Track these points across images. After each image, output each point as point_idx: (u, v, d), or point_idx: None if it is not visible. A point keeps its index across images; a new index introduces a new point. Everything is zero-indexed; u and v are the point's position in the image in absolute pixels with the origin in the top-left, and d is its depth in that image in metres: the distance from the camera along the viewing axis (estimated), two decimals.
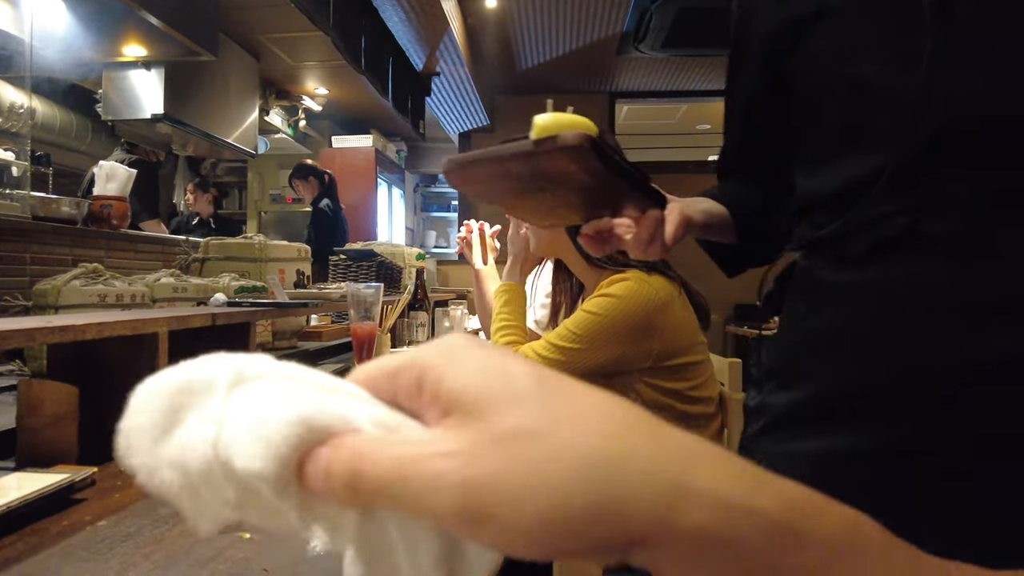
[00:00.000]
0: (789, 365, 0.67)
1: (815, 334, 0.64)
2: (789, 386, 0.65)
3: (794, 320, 0.68)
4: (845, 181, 0.61)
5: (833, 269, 0.63)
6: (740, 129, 0.80)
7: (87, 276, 1.20)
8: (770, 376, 0.69)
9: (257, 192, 7.12)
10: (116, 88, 3.83)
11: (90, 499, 0.69)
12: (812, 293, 0.65)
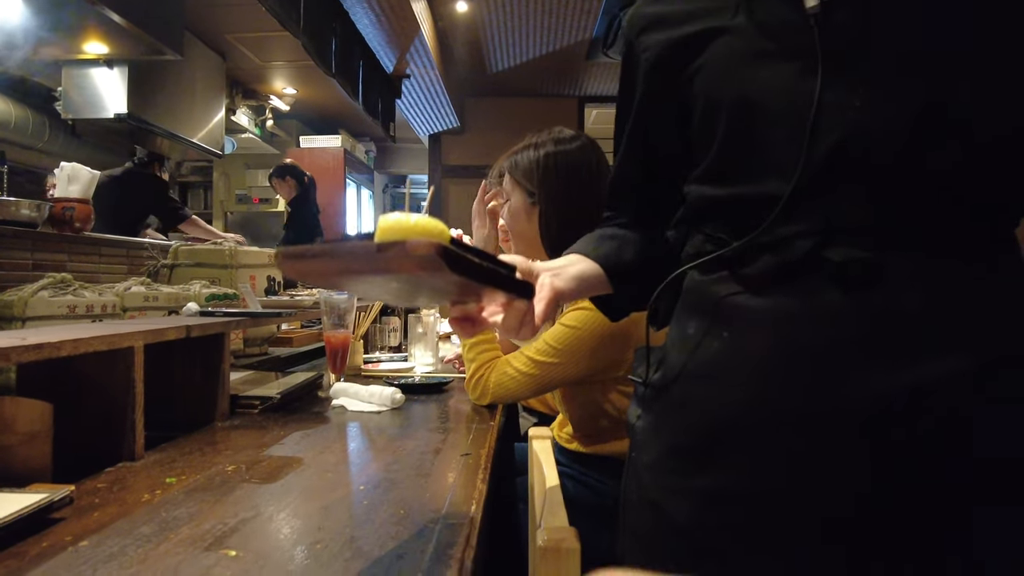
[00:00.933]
0: (678, 389, 0.64)
1: (710, 358, 0.61)
2: (679, 412, 0.64)
3: (683, 339, 0.65)
4: (746, 199, 0.59)
5: (731, 290, 0.60)
6: (630, 160, 0.76)
7: (55, 286, 1.18)
8: (656, 398, 0.67)
9: (223, 192, 7.01)
10: (76, 86, 3.74)
11: (68, 518, 0.69)
12: (705, 314, 0.63)
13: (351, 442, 1.08)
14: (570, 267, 0.69)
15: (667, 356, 0.67)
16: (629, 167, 0.77)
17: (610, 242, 0.74)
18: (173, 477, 0.83)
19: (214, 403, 1.17)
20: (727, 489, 0.58)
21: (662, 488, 0.64)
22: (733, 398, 0.59)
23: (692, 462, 0.61)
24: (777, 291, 0.57)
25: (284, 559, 0.60)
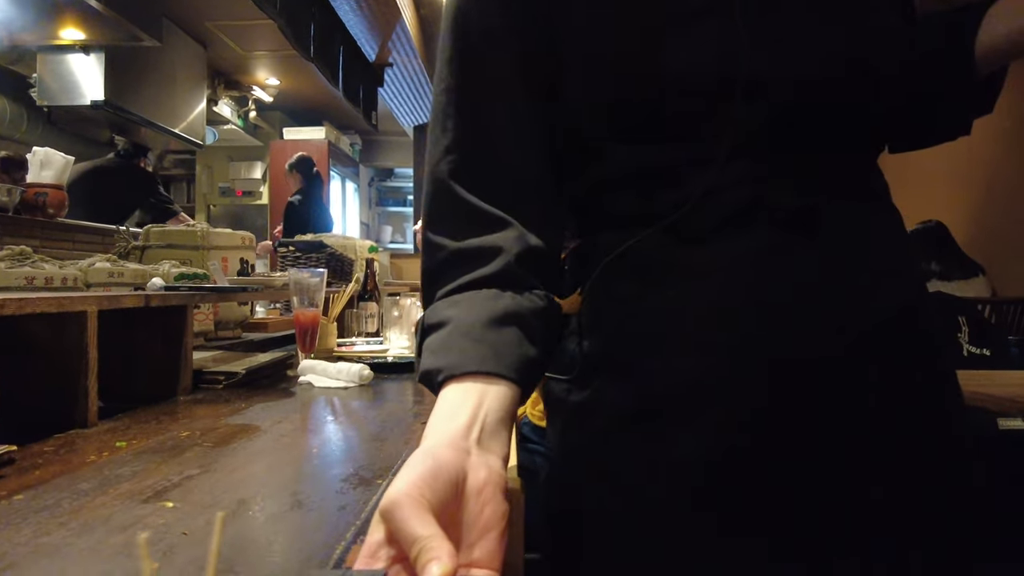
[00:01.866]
0: (620, 353, 0.60)
1: (655, 317, 0.58)
2: (627, 378, 0.59)
3: (613, 303, 0.61)
4: (678, 153, 0.57)
5: (667, 246, 0.57)
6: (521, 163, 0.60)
7: (13, 258, 1.16)
8: (595, 366, 0.62)
9: (206, 185, 6.97)
10: (52, 72, 3.70)
11: (8, 476, 0.68)
12: (640, 273, 0.59)
13: (312, 413, 1.07)
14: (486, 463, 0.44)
15: (592, 324, 0.62)
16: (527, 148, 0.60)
17: (508, 332, 0.52)
18: (124, 442, 0.82)
19: (176, 377, 1.15)
20: (699, 452, 0.55)
21: (622, 460, 0.59)
22: (690, 355, 0.56)
23: (656, 429, 0.57)
24: (721, 242, 0.56)
25: (221, 509, 0.59)
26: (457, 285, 0.56)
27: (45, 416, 0.88)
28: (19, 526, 0.54)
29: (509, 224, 0.57)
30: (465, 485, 0.41)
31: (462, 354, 0.50)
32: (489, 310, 0.53)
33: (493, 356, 0.50)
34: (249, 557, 0.50)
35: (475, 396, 0.48)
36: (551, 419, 0.72)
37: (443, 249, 0.58)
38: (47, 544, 0.51)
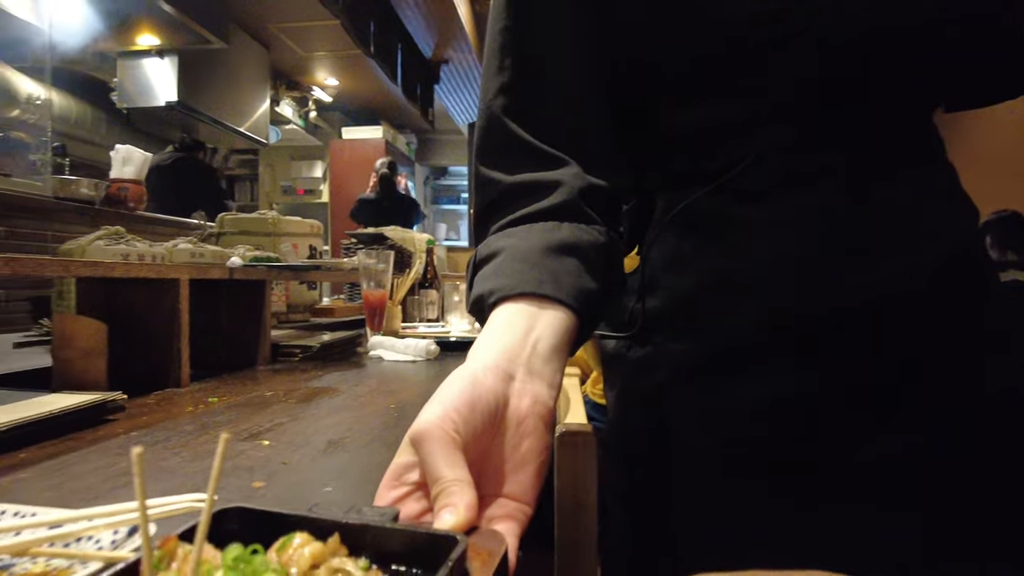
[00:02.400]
0: (681, 309, 0.60)
1: (713, 272, 0.58)
2: (688, 332, 0.59)
3: (676, 259, 0.60)
4: (735, 109, 0.56)
5: (728, 203, 0.57)
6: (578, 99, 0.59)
7: (110, 237, 1.24)
8: (655, 323, 0.62)
9: (268, 184, 7.20)
10: (131, 76, 3.90)
11: (120, 420, 0.74)
12: (701, 229, 0.58)
13: (385, 380, 1.12)
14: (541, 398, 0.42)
15: (651, 281, 0.63)
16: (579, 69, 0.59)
17: (567, 261, 0.50)
18: (215, 398, 0.88)
19: (256, 348, 1.22)
20: (763, 403, 0.55)
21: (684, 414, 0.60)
22: (751, 308, 0.57)
23: (719, 381, 0.58)
24: (778, 198, 0.56)
25: (312, 448, 0.64)
26: (511, 219, 0.54)
27: (144, 376, 0.95)
28: None
29: (567, 162, 0.55)
30: (505, 413, 0.39)
31: (516, 276, 0.48)
32: (547, 240, 0.51)
33: (551, 280, 0.48)
34: (344, 483, 0.54)
35: (527, 318, 0.46)
36: (609, 378, 0.73)
37: (497, 184, 0.56)
38: (166, 466, 0.56)
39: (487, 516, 0.37)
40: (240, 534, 0.28)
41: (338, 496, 0.51)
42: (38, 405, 0.67)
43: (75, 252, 1.18)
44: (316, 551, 0.26)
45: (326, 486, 0.53)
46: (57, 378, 0.81)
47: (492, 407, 0.38)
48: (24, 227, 2.33)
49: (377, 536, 0.29)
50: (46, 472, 0.54)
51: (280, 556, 0.26)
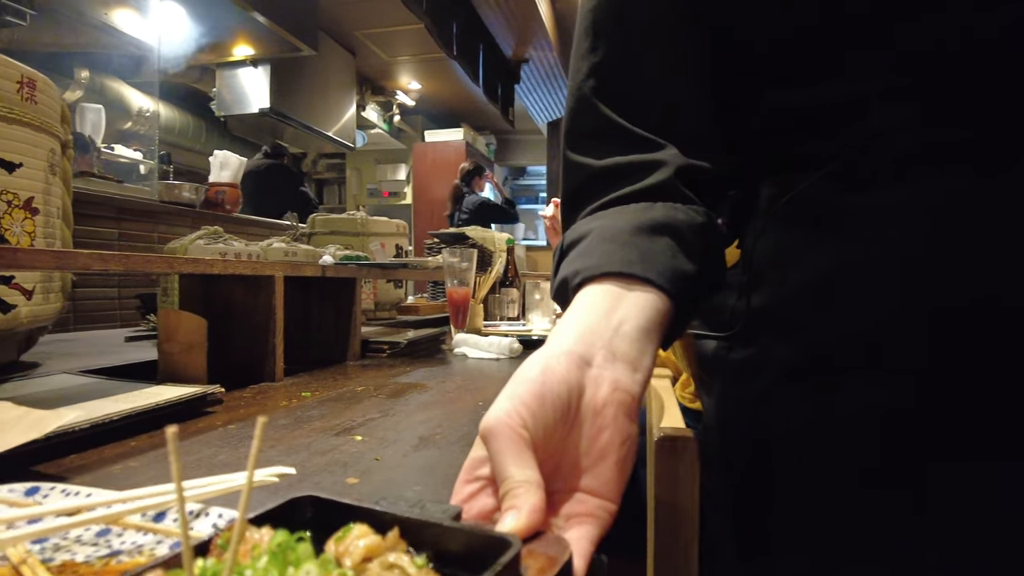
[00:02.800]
0: (788, 306, 0.55)
1: (823, 267, 0.52)
2: (796, 331, 0.54)
3: (782, 252, 0.55)
4: (846, 91, 0.51)
5: (839, 192, 0.51)
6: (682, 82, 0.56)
7: (210, 236, 1.30)
8: (758, 321, 0.57)
9: (355, 187, 7.43)
10: (228, 86, 4.10)
11: (218, 412, 0.76)
12: (812, 220, 0.53)
13: (471, 377, 1.11)
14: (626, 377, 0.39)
15: (755, 277, 0.58)
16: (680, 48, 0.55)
17: (659, 241, 0.47)
18: (308, 392, 0.89)
19: (346, 344, 1.24)
20: (877, 408, 0.49)
21: (791, 419, 0.54)
22: (866, 306, 0.51)
23: (830, 385, 0.52)
24: (895, 186, 0.50)
25: (404, 444, 0.63)
26: (602, 203, 0.51)
27: (241, 370, 0.97)
28: (237, 446, 0.61)
29: (662, 145, 0.52)
30: (580, 403, 0.37)
31: (602, 256, 0.44)
32: (638, 219, 0.47)
33: (640, 260, 0.44)
34: (434, 480, 0.52)
35: (612, 298, 0.42)
36: (707, 382, 0.69)
37: (586, 168, 0.53)
38: (263, 460, 0.56)
39: (565, 513, 0.35)
40: (310, 522, 0.29)
41: (427, 495, 0.49)
42: (145, 396, 0.70)
43: (178, 250, 1.24)
44: (372, 544, 0.26)
45: (416, 484, 0.51)
46: (161, 370, 0.84)
47: (564, 398, 0.36)
48: (133, 229, 2.49)
49: (437, 534, 0.29)
50: (153, 461, 0.56)
51: (336, 546, 0.27)
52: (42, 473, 0.52)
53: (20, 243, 0.85)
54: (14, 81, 0.87)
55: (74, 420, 0.56)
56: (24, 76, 0.88)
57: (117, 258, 0.71)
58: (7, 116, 0.85)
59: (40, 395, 0.71)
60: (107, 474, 0.52)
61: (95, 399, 0.69)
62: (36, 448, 0.52)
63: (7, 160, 0.85)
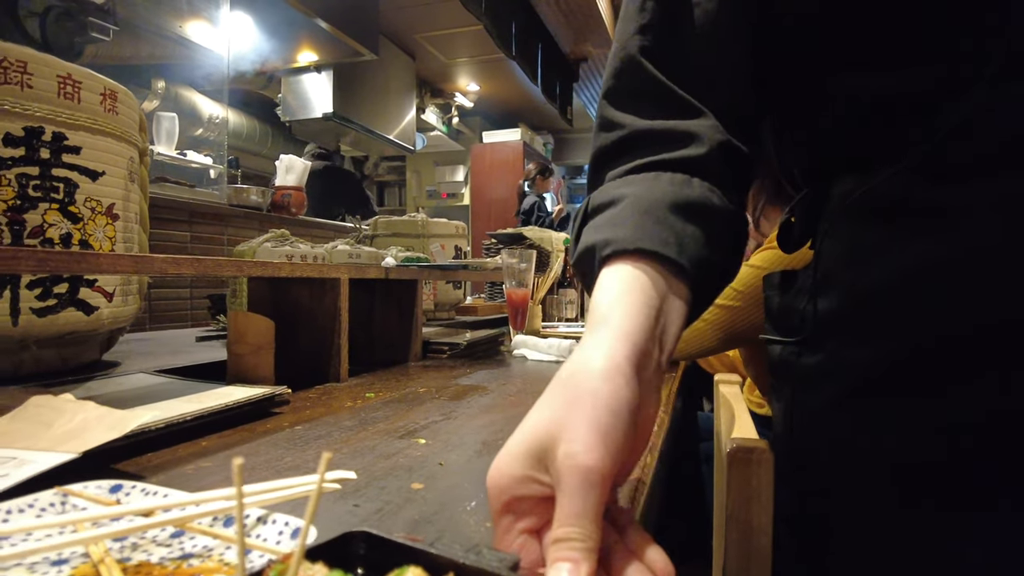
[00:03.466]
0: (864, 309, 0.51)
1: (904, 267, 0.49)
2: (873, 336, 0.51)
3: (859, 252, 0.52)
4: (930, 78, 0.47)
5: (922, 186, 0.48)
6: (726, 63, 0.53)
7: (276, 239, 1.33)
8: (831, 325, 0.54)
9: (415, 189, 7.53)
10: (293, 92, 4.22)
11: (286, 413, 0.77)
12: (891, 217, 0.50)
13: (531, 379, 1.10)
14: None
15: (828, 278, 0.55)
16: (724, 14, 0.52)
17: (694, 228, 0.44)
18: (372, 393, 0.90)
19: (408, 345, 1.25)
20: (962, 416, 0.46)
21: (867, 429, 0.52)
22: (952, 309, 0.47)
23: (910, 393, 0.49)
24: (984, 179, 0.46)
25: (468, 448, 0.62)
26: (635, 165, 0.47)
27: (306, 371, 0.99)
28: (304, 448, 0.61)
29: (705, 113, 0.49)
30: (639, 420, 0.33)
31: (638, 229, 0.40)
32: (675, 194, 0.43)
33: (676, 243, 0.40)
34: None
35: (656, 294, 0.38)
36: (777, 388, 0.66)
37: (623, 127, 0.49)
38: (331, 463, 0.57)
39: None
40: (363, 559, 0.29)
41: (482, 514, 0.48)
42: (216, 396, 0.72)
43: (247, 253, 1.27)
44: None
45: (481, 493, 0.51)
46: (231, 370, 0.87)
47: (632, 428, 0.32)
48: (204, 231, 2.59)
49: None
50: (224, 461, 0.57)
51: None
52: (122, 471, 0.54)
53: (102, 248, 0.89)
54: (98, 94, 0.91)
55: (150, 420, 0.58)
56: (107, 88, 0.92)
57: (190, 262, 0.73)
58: (92, 127, 0.89)
59: (119, 394, 0.74)
60: (180, 474, 0.53)
61: (169, 399, 0.71)
62: (116, 447, 0.54)
63: (92, 169, 0.89)
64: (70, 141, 0.86)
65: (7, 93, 0.81)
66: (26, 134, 0.82)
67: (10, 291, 0.80)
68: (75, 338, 0.91)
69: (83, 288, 0.88)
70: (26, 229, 0.81)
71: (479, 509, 0.46)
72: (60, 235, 0.84)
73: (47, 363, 0.90)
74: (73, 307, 0.86)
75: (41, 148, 0.83)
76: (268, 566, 0.27)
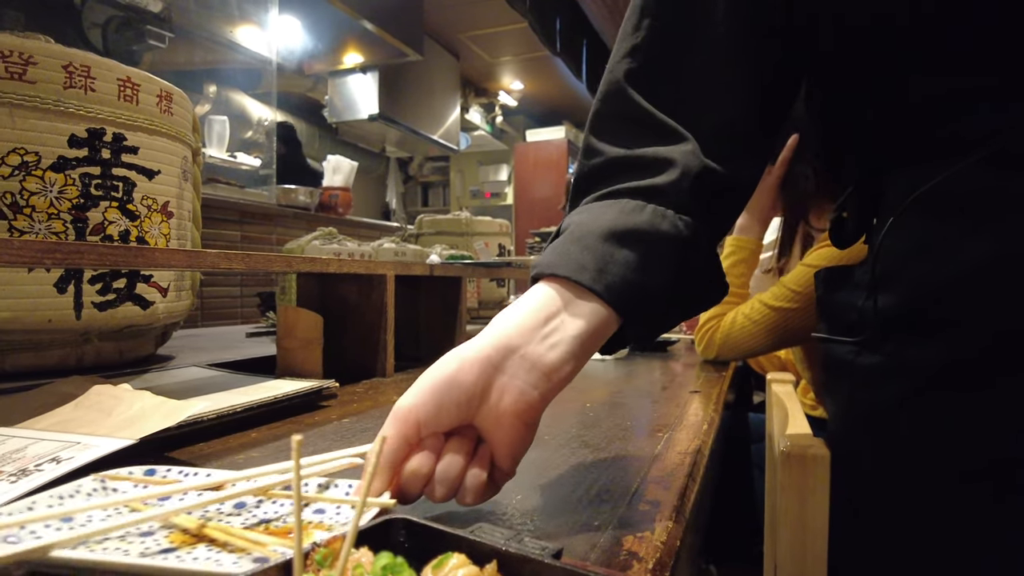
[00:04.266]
0: (928, 307, 0.49)
1: (972, 261, 0.47)
2: (937, 334, 0.49)
3: (922, 246, 0.50)
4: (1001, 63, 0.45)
5: (994, 176, 0.46)
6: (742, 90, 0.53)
7: (324, 237, 1.35)
8: (891, 324, 0.52)
9: (459, 189, 7.57)
10: (339, 93, 4.29)
11: (333, 406, 0.78)
12: (960, 209, 0.48)
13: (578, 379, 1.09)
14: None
15: (889, 275, 0.53)
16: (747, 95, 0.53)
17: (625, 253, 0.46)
18: None
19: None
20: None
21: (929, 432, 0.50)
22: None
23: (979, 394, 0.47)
24: None
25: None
26: (603, 192, 0.50)
27: (354, 366, 1.00)
28: (351, 440, 0.62)
29: (685, 138, 0.49)
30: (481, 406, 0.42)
31: (562, 257, 0.46)
32: (615, 222, 0.46)
33: (595, 268, 0.44)
34: (541, 484, 0.51)
35: (555, 303, 0.44)
36: (833, 388, 0.63)
37: (600, 155, 0.51)
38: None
39: None
40: (404, 545, 0.30)
41: (534, 501, 0.48)
42: (265, 389, 0.73)
43: (295, 251, 1.29)
44: (471, 575, 0.27)
45: (526, 487, 0.50)
46: (280, 365, 0.88)
47: (464, 401, 0.41)
48: (254, 231, 2.66)
49: (536, 570, 0.28)
50: (273, 452, 0.58)
51: (435, 573, 0.27)
52: (175, 459, 0.55)
53: (157, 244, 0.92)
54: (154, 95, 0.93)
55: (202, 410, 0.59)
56: (163, 90, 0.95)
57: (240, 257, 0.74)
58: (148, 128, 0.92)
59: (173, 386, 0.76)
60: (231, 462, 0.54)
61: (220, 391, 0.73)
62: (171, 435, 0.55)
63: (148, 168, 0.92)
64: (129, 141, 0.89)
65: (72, 96, 0.84)
66: (89, 135, 0.85)
67: (74, 286, 0.84)
68: (132, 332, 0.94)
69: (140, 284, 0.91)
70: (88, 227, 0.84)
71: (523, 500, 0.46)
72: (119, 232, 0.87)
73: (106, 356, 0.93)
74: (130, 302, 0.89)
75: (102, 148, 0.86)
76: (313, 549, 0.27)
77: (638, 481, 0.51)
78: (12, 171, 0.79)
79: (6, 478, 0.43)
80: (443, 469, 0.41)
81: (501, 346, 0.43)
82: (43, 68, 0.82)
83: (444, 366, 0.42)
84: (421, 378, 0.42)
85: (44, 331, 0.83)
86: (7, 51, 0.80)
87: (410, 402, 0.41)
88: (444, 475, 0.41)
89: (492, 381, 0.42)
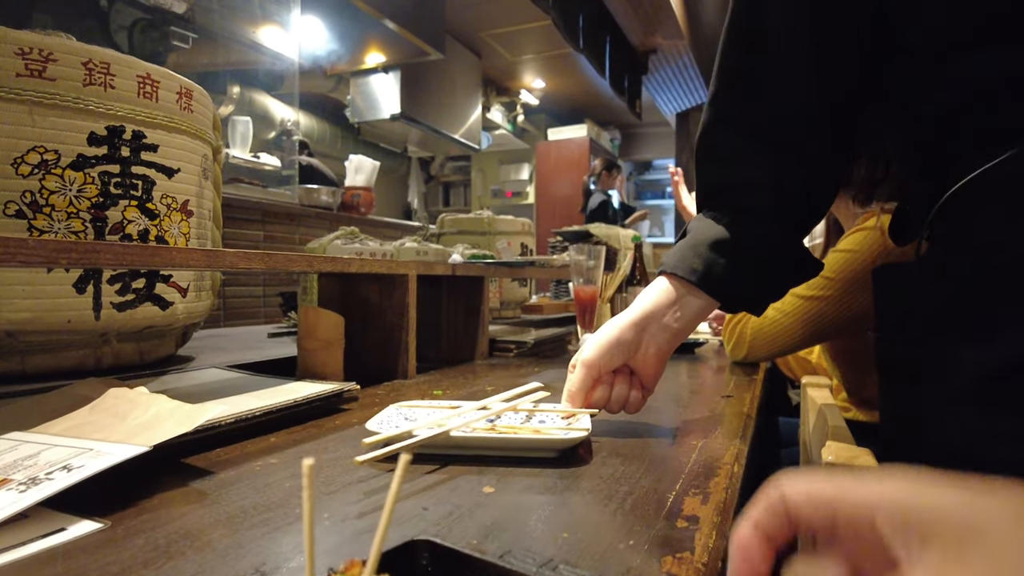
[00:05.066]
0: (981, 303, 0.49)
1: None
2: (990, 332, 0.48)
3: (977, 242, 0.49)
4: None
5: None
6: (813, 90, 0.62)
7: (346, 236, 1.34)
8: (943, 321, 0.51)
9: (480, 188, 7.56)
10: (361, 93, 4.29)
11: (353, 409, 0.76)
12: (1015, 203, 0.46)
13: None
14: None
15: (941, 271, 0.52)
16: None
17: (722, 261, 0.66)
18: (440, 391, 0.88)
19: (474, 342, 1.23)
20: None
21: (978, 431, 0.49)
22: None
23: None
24: None
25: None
26: (715, 210, 0.69)
27: (375, 367, 0.98)
28: None
29: (770, 157, 0.64)
30: (637, 352, 0.66)
31: (681, 259, 0.67)
32: (718, 234, 0.65)
33: (702, 272, 0.65)
34: (568, 494, 0.48)
35: (676, 294, 0.66)
36: (885, 385, 0.61)
37: (710, 180, 0.70)
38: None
39: None
40: (428, 569, 0.28)
41: (556, 523, 0.45)
42: (285, 392, 0.71)
43: (317, 250, 1.28)
44: None
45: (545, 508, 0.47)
46: (301, 366, 0.86)
47: (625, 351, 0.66)
48: (277, 231, 2.66)
49: None
50: (293, 459, 0.56)
51: None
52: (191, 465, 0.53)
53: (177, 243, 0.91)
54: (174, 92, 0.92)
55: (219, 415, 0.57)
56: (183, 87, 0.94)
57: (260, 256, 0.73)
58: (168, 125, 0.91)
59: (192, 388, 0.75)
60: (248, 470, 0.52)
61: (239, 394, 0.71)
62: (187, 441, 0.54)
63: (168, 166, 0.90)
64: (148, 139, 0.88)
65: (92, 94, 0.83)
66: (108, 133, 0.84)
67: (93, 286, 0.82)
68: (152, 332, 0.92)
69: (159, 283, 0.90)
70: (107, 226, 0.83)
71: (552, 518, 0.43)
72: (138, 231, 0.86)
73: (126, 357, 0.92)
74: (150, 302, 0.88)
75: (122, 146, 0.85)
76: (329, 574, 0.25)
77: (673, 495, 0.48)
78: (32, 170, 0.78)
79: (15, 487, 0.42)
80: (617, 393, 0.66)
81: (647, 316, 0.66)
82: (63, 65, 0.81)
83: (610, 330, 0.66)
84: (594, 338, 0.66)
85: (63, 332, 0.82)
86: (27, 48, 0.79)
87: (591, 355, 0.65)
88: (618, 397, 0.66)
89: (641, 338, 0.66)
